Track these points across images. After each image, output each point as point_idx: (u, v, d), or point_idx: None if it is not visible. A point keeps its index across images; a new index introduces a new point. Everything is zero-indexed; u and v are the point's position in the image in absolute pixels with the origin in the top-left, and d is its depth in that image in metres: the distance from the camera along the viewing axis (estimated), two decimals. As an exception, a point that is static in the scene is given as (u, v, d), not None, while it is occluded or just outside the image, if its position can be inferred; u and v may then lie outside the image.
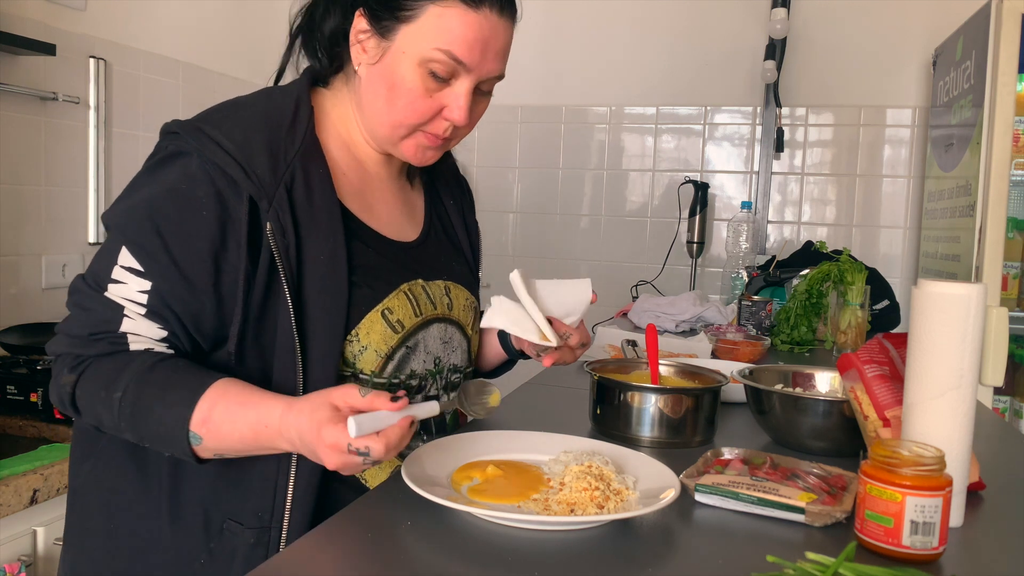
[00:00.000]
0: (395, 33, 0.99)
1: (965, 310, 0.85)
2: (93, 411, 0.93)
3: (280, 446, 0.90)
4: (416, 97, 1.00)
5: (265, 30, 2.97)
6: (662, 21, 3.10)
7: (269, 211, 0.95)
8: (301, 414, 0.86)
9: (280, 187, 0.96)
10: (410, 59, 0.99)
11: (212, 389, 0.90)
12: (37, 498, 1.47)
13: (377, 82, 1.02)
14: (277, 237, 0.95)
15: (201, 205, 0.93)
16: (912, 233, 2.92)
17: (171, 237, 0.93)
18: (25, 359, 1.85)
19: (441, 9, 0.97)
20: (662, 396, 1.16)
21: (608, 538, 0.82)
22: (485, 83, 1.04)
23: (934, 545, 0.79)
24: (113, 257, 0.93)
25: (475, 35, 0.98)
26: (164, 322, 0.93)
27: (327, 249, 0.99)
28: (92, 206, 2.25)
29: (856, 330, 2.04)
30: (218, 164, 0.93)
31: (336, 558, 0.77)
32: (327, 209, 1.00)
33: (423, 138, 1.04)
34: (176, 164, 0.95)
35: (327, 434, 0.83)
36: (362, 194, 1.10)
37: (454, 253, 1.24)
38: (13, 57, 1.98)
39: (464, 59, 0.98)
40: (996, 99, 2.17)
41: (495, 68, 1.03)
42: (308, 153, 1.01)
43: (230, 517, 0.97)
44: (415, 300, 1.09)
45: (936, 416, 0.87)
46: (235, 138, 0.95)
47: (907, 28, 2.87)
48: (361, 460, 0.83)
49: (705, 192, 2.99)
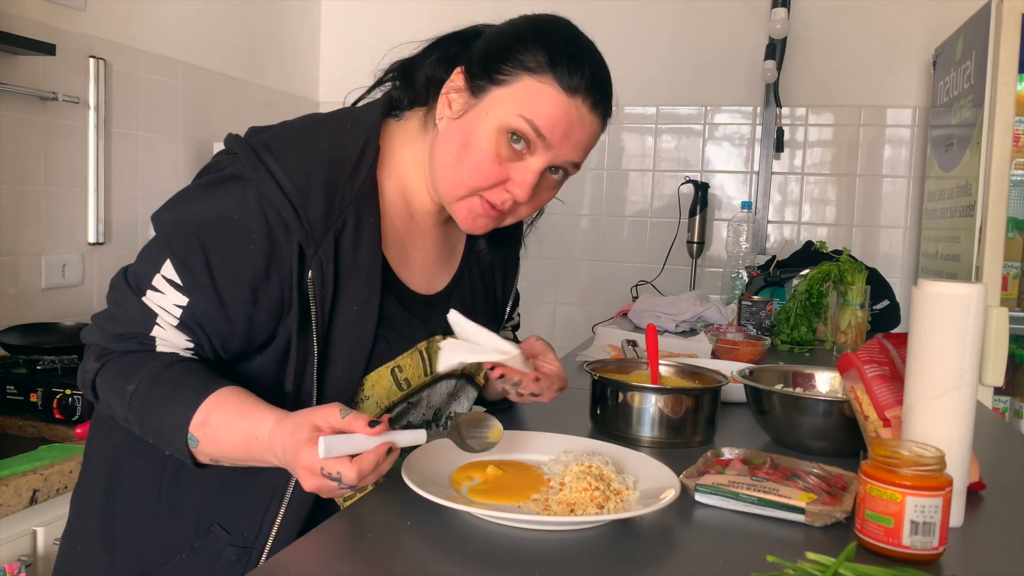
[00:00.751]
0: (485, 94, 0.97)
1: (965, 310, 0.85)
2: (108, 400, 0.96)
3: (269, 460, 0.89)
4: (486, 159, 0.97)
5: (265, 30, 2.97)
6: (662, 21, 3.10)
7: (314, 258, 0.94)
8: (285, 432, 0.85)
9: (330, 234, 0.95)
10: (492, 120, 0.96)
11: (216, 394, 0.91)
12: (37, 498, 1.47)
13: (453, 136, 0.99)
14: (316, 286, 0.95)
15: (251, 238, 0.93)
16: (912, 233, 2.92)
17: (216, 261, 0.93)
18: (25, 359, 1.85)
19: (536, 83, 0.95)
20: (662, 396, 1.16)
21: (608, 538, 0.82)
22: (558, 164, 1.00)
23: (934, 545, 0.79)
24: (157, 265, 0.94)
25: (561, 115, 0.96)
26: (193, 335, 0.95)
27: (362, 299, 0.98)
28: (92, 206, 2.25)
29: (856, 330, 2.04)
30: (273, 202, 0.93)
31: (336, 558, 0.77)
32: (370, 260, 0.99)
33: (479, 205, 1.00)
34: (234, 189, 0.94)
35: (303, 456, 0.82)
36: (403, 243, 1.08)
37: (482, 298, 1.21)
38: (13, 57, 1.98)
39: (544, 132, 0.96)
40: (996, 99, 2.16)
41: (572, 155, 1.00)
42: (364, 199, 0.99)
43: (218, 522, 0.98)
44: (427, 360, 1.07)
45: (936, 416, 0.87)
46: (295, 177, 0.94)
47: (907, 28, 2.87)
48: (336, 485, 0.82)
49: (705, 192, 2.99)
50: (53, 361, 1.81)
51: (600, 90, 0.99)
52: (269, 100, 3.03)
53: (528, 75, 0.96)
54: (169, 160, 2.55)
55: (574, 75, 0.96)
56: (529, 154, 0.98)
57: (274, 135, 0.99)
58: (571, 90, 0.96)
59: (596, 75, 0.99)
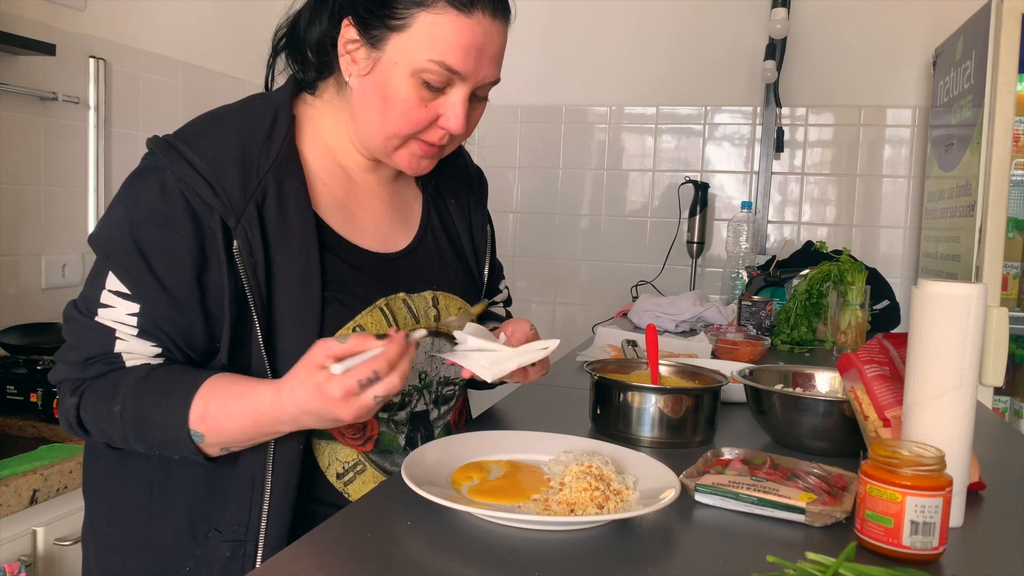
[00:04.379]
0: (386, 43, 0.96)
1: (965, 310, 0.85)
2: (99, 429, 0.94)
3: (282, 429, 0.90)
4: (410, 108, 0.97)
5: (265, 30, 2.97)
6: (662, 21, 3.10)
7: (237, 229, 0.94)
8: (294, 391, 0.86)
9: (250, 204, 0.95)
10: (402, 70, 0.96)
11: (204, 386, 0.91)
12: (37, 498, 1.47)
13: (369, 94, 0.99)
14: (244, 256, 0.94)
15: (179, 223, 0.93)
16: (912, 233, 2.92)
17: (154, 258, 0.93)
18: (25, 359, 1.85)
19: (433, 16, 0.94)
20: (662, 396, 1.16)
21: (608, 538, 0.82)
22: (481, 88, 1.01)
23: (934, 545, 0.79)
24: (101, 281, 0.93)
25: (469, 42, 0.95)
26: (156, 340, 0.94)
27: (299, 264, 0.97)
28: (92, 206, 2.25)
29: (856, 330, 2.04)
30: (188, 182, 0.93)
31: (336, 558, 0.77)
32: (301, 223, 0.98)
33: (417, 147, 1.02)
34: (150, 180, 0.95)
35: (332, 388, 0.83)
36: (344, 205, 1.07)
37: (451, 258, 1.20)
38: (13, 57, 1.98)
39: (459, 68, 0.96)
40: (996, 99, 2.16)
41: (490, 74, 1.00)
42: (283, 166, 0.99)
43: (214, 526, 0.97)
44: (392, 316, 1.06)
45: (936, 416, 0.87)
46: (206, 155, 0.94)
47: (907, 28, 2.87)
48: (373, 398, 0.83)
49: (705, 192, 2.99)
50: (53, 361, 1.81)
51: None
52: (269, 100, 3.02)
53: (421, 10, 0.94)
54: (169, 160, 2.55)
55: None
56: (450, 87, 0.98)
57: (187, 125, 1.00)
58: (468, 8, 0.95)
59: None
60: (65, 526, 1.54)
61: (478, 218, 1.26)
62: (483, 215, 1.28)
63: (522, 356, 1.00)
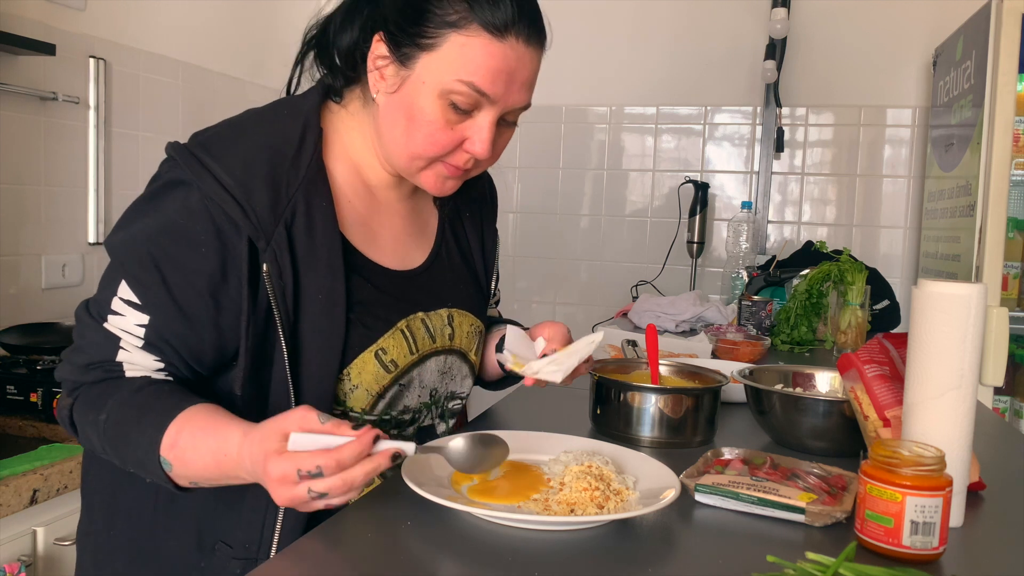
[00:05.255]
0: (415, 61, 0.94)
1: (965, 310, 0.85)
2: (85, 433, 0.93)
3: (242, 476, 0.85)
4: (436, 129, 0.95)
5: (265, 30, 2.97)
6: (662, 21, 3.10)
7: (267, 251, 0.91)
8: (253, 443, 0.81)
9: (279, 225, 0.92)
10: (430, 90, 0.93)
11: (184, 413, 0.87)
12: (37, 498, 1.47)
13: (396, 112, 0.96)
14: (274, 279, 0.92)
15: (200, 241, 0.90)
16: (912, 233, 2.92)
17: (170, 273, 0.90)
18: (25, 359, 1.85)
19: (464, 38, 0.91)
20: (662, 396, 1.16)
21: (608, 538, 0.82)
22: (510, 114, 0.99)
23: (934, 545, 0.79)
24: (113, 288, 0.92)
25: (499, 65, 0.92)
26: (161, 354, 0.92)
27: (325, 286, 0.95)
28: (92, 206, 2.25)
29: (856, 330, 2.04)
30: (216, 201, 0.90)
31: (336, 558, 0.77)
32: (328, 244, 0.96)
33: (443, 169, 0.99)
34: (175, 195, 0.92)
35: (272, 466, 0.77)
36: (366, 222, 1.05)
37: (464, 274, 1.18)
38: (13, 57, 1.98)
39: (488, 91, 0.93)
40: (996, 99, 2.16)
41: (520, 99, 0.97)
42: (312, 184, 0.96)
43: (222, 539, 0.96)
44: (411, 337, 1.05)
45: (936, 416, 0.87)
46: (235, 172, 0.91)
47: (907, 28, 2.87)
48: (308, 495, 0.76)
49: (705, 192, 2.99)
50: (53, 361, 1.81)
51: (530, 19, 0.95)
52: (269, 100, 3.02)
53: (453, 31, 0.91)
54: (169, 160, 2.55)
55: (497, 11, 0.91)
56: (478, 111, 0.95)
57: (211, 134, 0.97)
58: (501, 32, 0.92)
59: (521, 2, 0.94)
60: (65, 526, 1.54)
61: (490, 233, 1.25)
62: (494, 230, 1.26)
63: (579, 352, 1.04)
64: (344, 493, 0.78)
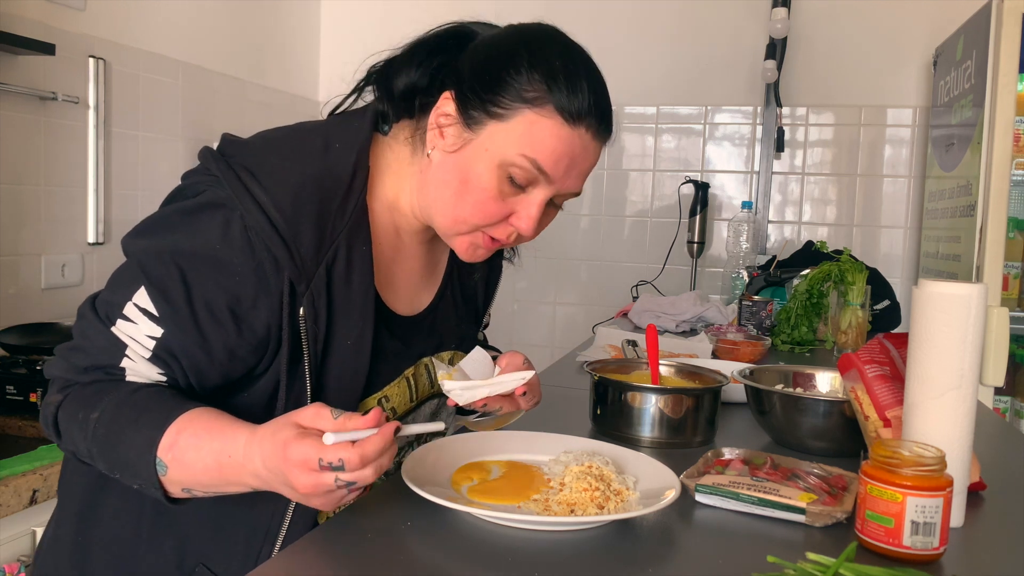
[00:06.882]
0: (482, 127, 0.92)
1: (966, 310, 0.85)
2: (69, 433, 0.88)
3: (246, 481, 0.81)
4: (489, 198, 0.93)
5: (265, 30, 2.97)
6: (662, 21, 3.09)
7: (306, 295, 0.89)
8: (264, 439, 0.79)
9: (321, 267, 0.90)
10: (492, 158, 0.91)
11: (188, 414, 0.84)
12: (36, 498, 1.47)
13: (450, 172, 0.94)
14: (309, 323, 0.89)
15: (236, 272, 0.87)
16: (913, 233, 2.92)
17: (197, 293, 0.87)
18: (24, 359, 1.85)
19: (537, 116, 0.90)
20: (662, 396, 1.16)
21: (608, 538, 0.82)
22: (559, 197, 0.97)
23: (935, 545, 0.78)
24: (129, 293, 0.87)
25: (565, 150, 0.91)
26: (167, 368, 0.88)
27: (355, 333, 0.94)
28: (91, 206, 2.25)
29: (857, 330, 2.04)
30: (260, 233, 0.86)
31: (336, 558, 0.77)
32: (363, 292, 0.94)
33: (481, 239, 0.97)
34: (216, 219, 0.88)
35: (293, 451, 0.75)
36: (389, 267, 1.03)
37: (465, 313, 1.17)
38: (13, 57, 1.98)
39: (548, 171, 0.92)
40: (997, 99, 2.16)
41: (574, 186, 0.96)
42: (356, 227, 0.94)
43: (204, 563, 0.92)
44: (414, 385, 1.04)
45: (937, 416, 0.87)
46: (283, 207, 0.87)
47: (907, 28, 2.87)
48: (335, 483, 0.75)
49: (705, 192, 2.99)
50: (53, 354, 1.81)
51: (603, 114, 0.94)
52: (269, 100, 3.03)
53: (527, 108, 0.90)
54: (169, 160, 2.55)
55: (574, 99, 0.91)
56: (532, 188, 0.94)
57: (258, 158, 0.92)
58: (574, 119, 0.91)
59: (597, 96, 0.94)
60: (65, 526, 1.54)
61: (496, 267, 1.23)
62: (500, 264, 1.24)
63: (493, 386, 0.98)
64: (373, 479, 0.77)
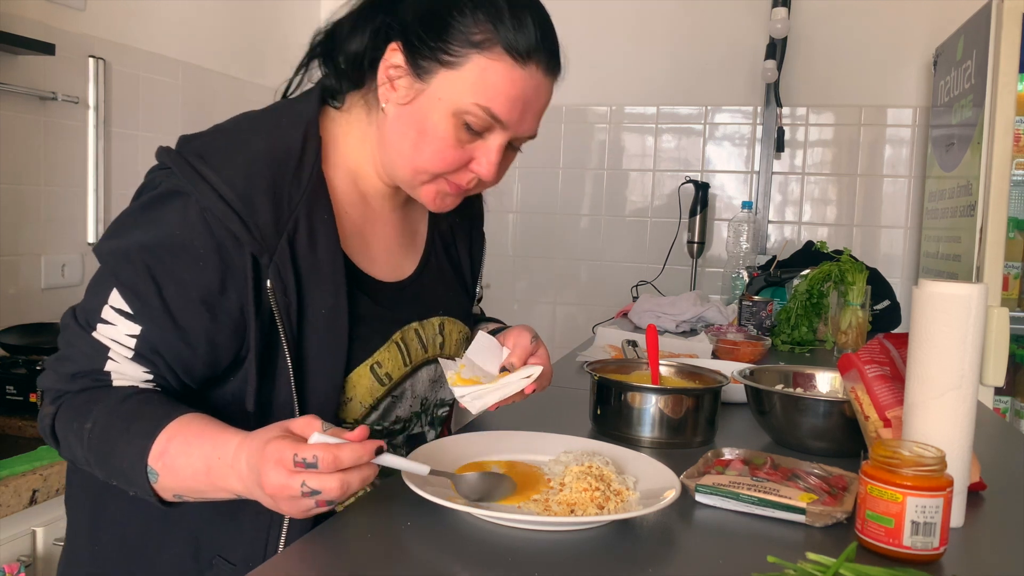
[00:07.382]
0: (432, 76, 0.92)
1: (966, 310, 0.85)
2: (68, 443, 0.90)
3: (231, 484, 0.82)
4: (446, 147, 0.94)
5: (265, 30, 2.97)
6: (662, 21, 3.10)
7: (270, 266, 0.89)
8: (253, 439, 0.80)
9: (282, 238, 0.90)
10: (445, 107, 0.92)
11: (177, 421, 0.85)
12: (36, 498, 1.47)
13: (406, 124, 0.95)
14: (278, 295, 0.90)
15: (200, 255, 0.88)
16: (913, 233, 2.92)
17: (166, 284, 0.88)
18: (24, 359, 1.85)
19: (487, 61, 0.90)
20: (662, 396, 1.16)
21: (608, 538, 0.82)
22: (517, 140, 0.99)
23: (935, 545, 0.78)
24: (104, 297, 0.89)
25: (518, 93, 0.92)
26: (151, 365, 0.89)
27: (328, 302, 0.94)
28: (91, 206, 2.25)
29: (857, 330, 2.03)
30: (217, 215, 0.87)
31: (336, 558, 0.77)
32: (330, 259, 0.95)
33: (445, 185, 0.98)
34: (173, 207, 0.89)
35: (272, 447, 0.76)
36: (361, 233, 1.03)
37: (452, 281, 1.17)
38: (13, 57, 1.98)
39: (503, 117, 0.93)
40: (997, 99, 2.16)
41: (531, 128, 0.98)
42: (314, 196, 0.94)
43: (220, 553, 0.93)
44: (405, 349, 1.04)
45: (937, 416, 0.86)
46: (236, 185, 0.89)
47: (908, 28, 2.87)
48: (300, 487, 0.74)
49: (705, 192, 2.99)
50: (50, 362, 1.81)
51: (551, 48, 0.95)
52: (269, 100, 3.01)
53: (476, 52, 0.90)
54: (169, 160, 2.55)
55: (521, 35, 0.91)
56: (489, 133, 0.95)
57: (207, 142, 0.94)
58: (524, 57, 0.91)
59: (544, 30, 0.94)
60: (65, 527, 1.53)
61: (478, 236, 1.24)
62: (482, 233, 1.26)
63: (503, 389, 0.99)
64: (337, 494, 0.76)
